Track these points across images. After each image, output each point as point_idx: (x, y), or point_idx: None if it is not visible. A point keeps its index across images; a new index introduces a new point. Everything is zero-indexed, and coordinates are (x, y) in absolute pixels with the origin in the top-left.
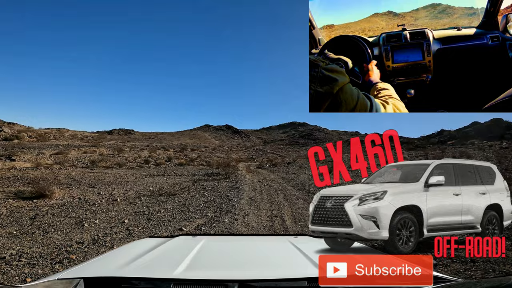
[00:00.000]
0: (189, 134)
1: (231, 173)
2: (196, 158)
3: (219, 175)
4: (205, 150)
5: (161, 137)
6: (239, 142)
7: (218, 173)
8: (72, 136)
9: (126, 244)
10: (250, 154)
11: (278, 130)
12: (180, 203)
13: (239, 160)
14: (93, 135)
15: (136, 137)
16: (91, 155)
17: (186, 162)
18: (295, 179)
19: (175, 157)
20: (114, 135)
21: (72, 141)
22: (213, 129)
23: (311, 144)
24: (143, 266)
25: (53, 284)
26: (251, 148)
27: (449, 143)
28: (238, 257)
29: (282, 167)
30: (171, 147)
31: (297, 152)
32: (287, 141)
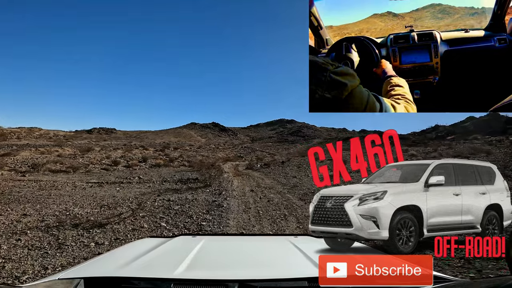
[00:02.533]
0: (174, 133)
1: (215, 178)
2: (178, 158)
3: (197, 182)
4: (189, 149)
5: (143, 136)
6: (226, 140)
7: (196, 179)
8: (40, 136)
9: (126, 244)
10: (238, 152)
11: (266, 127)
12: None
13: (226, 159)
14: (67, 134)
15: (117, 136)
16: (46, 156)
17: (165, 162)
18: (299, 185)
19: (152, 157)
20: (93, 134)
21: (36, 141)
22: (199, 127)
23: (300, 141)
24: (143, 266)
25: (53, 284)
26: (239, 146)
27: (449, 139)
28: (238, 257)
29: (276, 167)
30: (152, 146)
31: (286, 149)
32: (276, 138)
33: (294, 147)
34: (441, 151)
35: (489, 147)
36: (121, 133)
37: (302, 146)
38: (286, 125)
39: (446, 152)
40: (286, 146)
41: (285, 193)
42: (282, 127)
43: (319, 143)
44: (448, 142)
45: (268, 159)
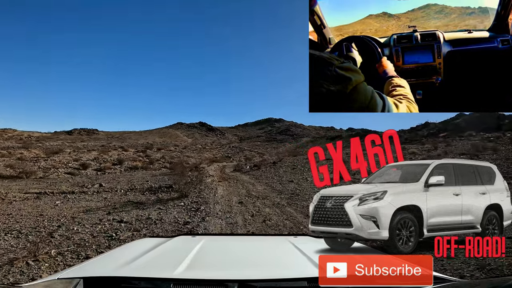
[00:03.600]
0: (159, 133)
1: (195, 184)
2: (160, 159)
3: (171, 191)
4: (174, 149)
5: (126, 136)
6: (214, 140)
7: (171, 186)
8: (11, 137)
9: (126, 244)
10: (226, 152)
11: (254, 126)
12: None
13: (212, 160)
14: (42, 136)
15: (98, 137)
16: (4, 160)
17: (143, 165)
18: (300, 193)
19: (131, 158)
20: (74, 135)
21: (4, 143)
22: (186, 127)
23: (289, 140)
24: (143, 266)
25: (53, 284)
26: (227, 146)
27: (442, 136)
28: (238, 257)
29: (268, 169)
30: (134, 146)
31: (275, 148)
32: (264, 137)
33: (283, 146)
34: (442, 148)
35: (492, 144)
36: (104, 134)
37: (292, 145)
38: (274, 124)
39: (449, 150)
40: (275, 145)
41: (284, 205)
42: (271, 126)
43: (309, 142)
44: (443, 139)
45: (257, 159)
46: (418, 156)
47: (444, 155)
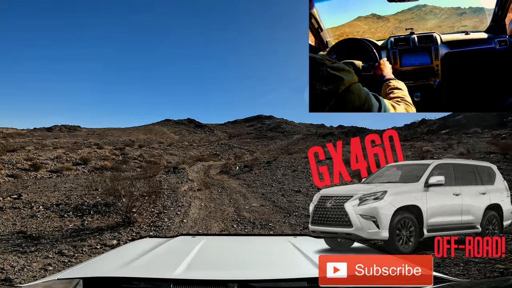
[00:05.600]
0: (145, 129)
1: (156, 195)
2: (137, 158)
3: (111, 211)
4: (157, 147)
5: (108, 133)
6: (202, 137)
7: (114, 203)
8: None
9: (126, 244)
10: (214, 149)
11: (244, 123)
12: None
13: (197, 159)
14: (16, 132)
15: (77, 133)
16: None
17: (113, 165)
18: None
19: (101, 157)
20: (54, 132)
21: None
22: (173, 123)
23: (280, 137)
24: (143, 266)
25: (52, 284)
26: (215, 143)
27: (443, 133)
28: (238, 257)
29: (262, 170)
30: (112, 143)
31: (266, 145)
32: (254, 134)
33: (274, 144)
34: (457, 147)
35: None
36: (85, 131)
37: (283, 142)
38: (264, 121)
39: (470, 148)
40: (266, 143)
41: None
42: (261, 123)
43: (300, 139)
44: (447, 137)
45: (248, 157)
46: (433, 154)
47: (467, 154)
